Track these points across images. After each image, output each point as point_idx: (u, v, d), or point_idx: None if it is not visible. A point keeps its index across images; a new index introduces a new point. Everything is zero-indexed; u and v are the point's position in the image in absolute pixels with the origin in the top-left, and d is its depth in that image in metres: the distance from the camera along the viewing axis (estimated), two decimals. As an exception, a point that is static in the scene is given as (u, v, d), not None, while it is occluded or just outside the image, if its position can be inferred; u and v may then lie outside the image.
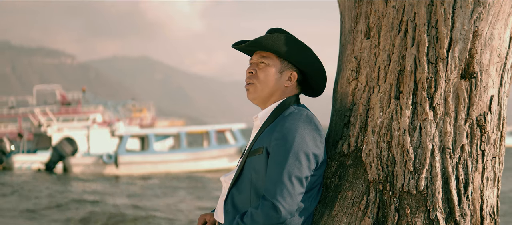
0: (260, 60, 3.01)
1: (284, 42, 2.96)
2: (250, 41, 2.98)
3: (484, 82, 2.89)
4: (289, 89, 3.02)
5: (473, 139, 2.88)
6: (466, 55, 2.85)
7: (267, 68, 3.00)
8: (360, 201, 2.91)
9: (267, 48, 2.97)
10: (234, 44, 3.06)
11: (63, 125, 40.52)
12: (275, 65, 3.00)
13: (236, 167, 3.01)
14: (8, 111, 61.93)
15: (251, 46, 3.01)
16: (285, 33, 3.02)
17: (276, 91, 3.00)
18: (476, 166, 2.88)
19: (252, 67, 3.03)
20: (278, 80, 2.99)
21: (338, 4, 3.31)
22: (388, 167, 2.88)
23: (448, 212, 2.84)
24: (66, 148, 33.12)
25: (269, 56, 3.00)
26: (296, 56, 2.97)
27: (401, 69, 2.88)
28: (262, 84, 2.99)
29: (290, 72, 3.01)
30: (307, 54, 3.00)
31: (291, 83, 3.01)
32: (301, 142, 2.78)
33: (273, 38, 2.96)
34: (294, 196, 2.74)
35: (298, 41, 2.99)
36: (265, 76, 2.99)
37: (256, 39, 2.97)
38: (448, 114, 2.85)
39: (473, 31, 2.85)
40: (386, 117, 2.90)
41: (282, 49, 2.96)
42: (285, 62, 3.00)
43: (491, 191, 2.96)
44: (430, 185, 2.83)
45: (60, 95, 56.93)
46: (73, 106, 53.82)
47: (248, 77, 3.03)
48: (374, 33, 2.98)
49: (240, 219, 2.79)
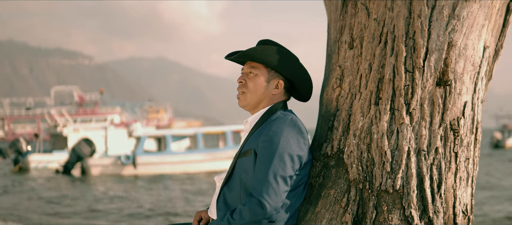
0: (250, 70, 3.28)
1: (271, 53, 3.23)
2: (240, 53, 3.25)
3: (458, 89, 3.12)
4: (277, 96, 3.28)
5: (447, 142, 3.11)
6: (441, 64, 3.09)
7: (255, 78, 3.26)
8: (342, 199, 3.15)
9: (255, 59, 3.24)
10: (227, 56, 3.32)
11: (79, 126, 40.94)
12: (263, 74, 3.26)
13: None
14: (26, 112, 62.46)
15: (241, 58, 3.28)
16: (274, 45, 3.29)
17: (264, 98, 3.27)
18: (449, 167, 3.12)
19: (242, 77, 3.30)
20: (266, 89, 3.26)
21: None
22: (368, 167, 3.13)
23: (422, 209, 3.08)
24: (84, 149, 33.43)
25: (257, 67, 3.27)
26: (282, 65, 3.23)
27: (380, 77, 3.12)
28: (251, 92, 3.26)
29: (277, 81, 3.27)
30: (292, 64, 3.26)
31: (278, 90, 3.27)
32: (285, 145, 3.04)
33: (261, 50, 3.23)
34: (278, 193, 3.00)
35: (285, 52, 3.25)
36: (254, 85, 3.26)
37: (246, 51, 3.24)
38: (424, 119, 3.09)
39: (448, 42, 3.08)
40: (366, 121, 3.14)
41: (269, 60, 3.22)
42: (272, 71, 3.26)
43: (465, 190, 3.19)
44: (406, 185, 3.07)
45: (77, 96, 57.38)
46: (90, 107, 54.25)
47: (239, 86, 3.31)
48: (357, 43, 3.22)
49: (230, 215, 3.05)
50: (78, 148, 33.38)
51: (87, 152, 33.36)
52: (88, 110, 53.45)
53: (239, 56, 3.27)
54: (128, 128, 37.62)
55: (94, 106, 54.47)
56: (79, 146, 33.44)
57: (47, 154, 36.72)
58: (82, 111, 53.17)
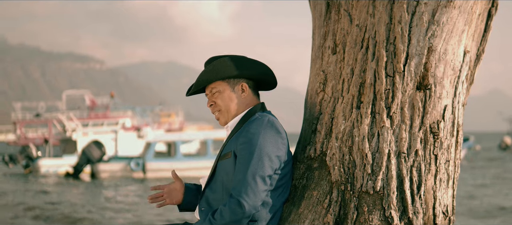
0: (212, 91, 3.40)
1: (220, 66, 3.34)
2: (194, 84, 3.37)
3: (438, 93, 3.20)
4: (249, 98, 3.39)
5: (427, 144, 3.19)
6: (421, 68, 3.17)
7: (221, 94, 3.38)
8: (324, 200, 3.24)
9: (209, 81, 3.36)
10: (187, 93, 3.47)
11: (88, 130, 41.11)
12: (225, 87, 3.37)
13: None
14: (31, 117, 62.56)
15: (198, 87, 3.39)
16: (218, 58, 3.41)
17: (239, 105, 3.38)
18: (429, 169, 3.20)
19: (210, 101, 3.42)
20: (236, 97, 3.37)
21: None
22: (349, 169, 3.21)
23: (402, 210, 3.16)
24: (94, 152, 33.46)
25: (216, 85, 3.39)
26: (235, 70, 3.34)
27: (362, 82, 3.21)
28: (225, 108, 3.38)
29: (240, 84, 3.38)
30: (243, 63, 3.37)
31: (246, 92, 3.38)
32: (263, 145, 3.15)
33: (210, 69, 3.34)
34: (257, 193, 3.11)
35: (231, 58, 3.36)
36: (222, 101, 3.38)
37: (198, 80, 3.36)
38: (404, 122, 3.17)
39: (428, 47, 3.16)
40: (348, 125, 3.23)
41: (221, 74, 3.33)
42: (231, 80, 3.37)
43: (445, 192, 3.27)
44: (386, 186, 3.15)
45: (89, 100, 57.54)
46: (102, 111, 54.39)
47: (212, 110, 3.43)
48: (340, 49, 3.31)
49: (211, 216, 3.17)
50: (87, 150, 33.41)
51: (97, 155, 33.41)
52: (100, 114, 53.60)
53: (195, 87, 3.38)
54: (139, 132, 37.74)
55: (105, 110, 54.62)
56: (89, 148, 33.48)
57: (57, 158, 36.91)
58: (94, 115, 53.33)
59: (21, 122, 64.20)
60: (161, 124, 61.01)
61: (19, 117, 64.78)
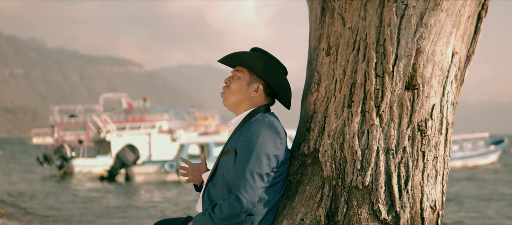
0: (235, 73, 3.58)
1: (255, 59, 3.50)
2: (228, 55, 3.55)
3: (426, 93, 3.34)
4: (257, 99, 3.54)
5: (414, 141, 3.34)
6: (409, 69, 3.32)
7: (238, 80, 3.56)
8: (316, 195, 3.41)
9: (239, 62, 3.54)
10: (219, 59, 3.62)
11: (121, 132, 41.56)
12: (245, 77, 3.55)
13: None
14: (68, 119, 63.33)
15: (228, 60, 3.57)
16: (263, 53, 3.56)
17: (244, 100, 3.54)
18: (416, 165, 3.34)
19: (228, 78, 3.61)
20: (246, 91, 3.53)
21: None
22: (340, 165, 3.38)
23: (390, 204, 3.31)
24: (128, 156, 33.89)
25: (242, 70, 3.56)
26: (263, 71, 3.50)
27: (353, 82, 3.37)
28: (231, 93, 3.56)
29: (257, 85, 3.54)
30: (273, 72, 3.53)
31: (258, 94, 3.54)
32: (262, 144, 3.32)
33: (246, 54, 3.51)
34: (255, 189, 3.28)
35: (270, 61, 3.53)
36: (235, 86, 3.56)
37: (232, 53, 3.54)
38: (393, 120, 3.32)
39: (416, 48, 3.31)
40: (340, 123, 3.39)
41: (251, 65, 3.50)
42: (253, 76, 3.54)
43: (433, 187, 3.41)
44: (375, 181, 3.31)
45: (126, 103, 58.07)
46: (139, 114, 54.84)
47: (223, 86, 3.60)
48: (333, 51, 3.48)
49: (211, 210, 3.35)
50: (122, 155, 33.85)
51: (131, 159, 33.84)
52: (137, 117, 54.06)
53: (226, 57, 3.56)
54: (172, 134, 38.05)
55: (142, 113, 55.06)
56: (123, 152, 33.92)
57: (91, 159, 37.43)
58: (131, 118, 53.80)
59: (59, 125, 65.13)
60: (198, 127, 61.30)
61: (57, 120, 65.68)
